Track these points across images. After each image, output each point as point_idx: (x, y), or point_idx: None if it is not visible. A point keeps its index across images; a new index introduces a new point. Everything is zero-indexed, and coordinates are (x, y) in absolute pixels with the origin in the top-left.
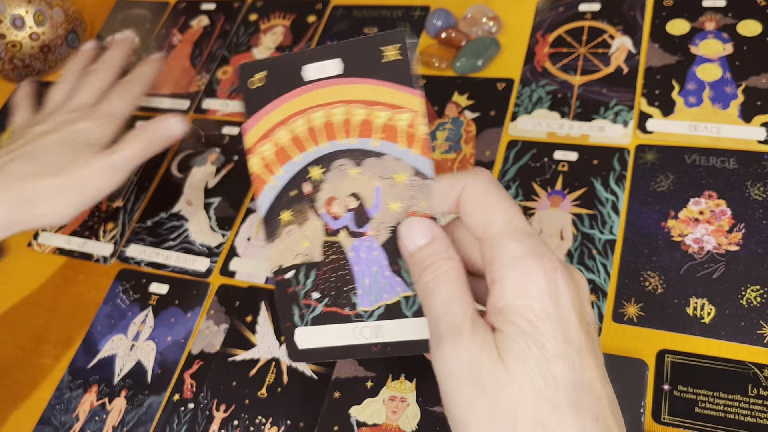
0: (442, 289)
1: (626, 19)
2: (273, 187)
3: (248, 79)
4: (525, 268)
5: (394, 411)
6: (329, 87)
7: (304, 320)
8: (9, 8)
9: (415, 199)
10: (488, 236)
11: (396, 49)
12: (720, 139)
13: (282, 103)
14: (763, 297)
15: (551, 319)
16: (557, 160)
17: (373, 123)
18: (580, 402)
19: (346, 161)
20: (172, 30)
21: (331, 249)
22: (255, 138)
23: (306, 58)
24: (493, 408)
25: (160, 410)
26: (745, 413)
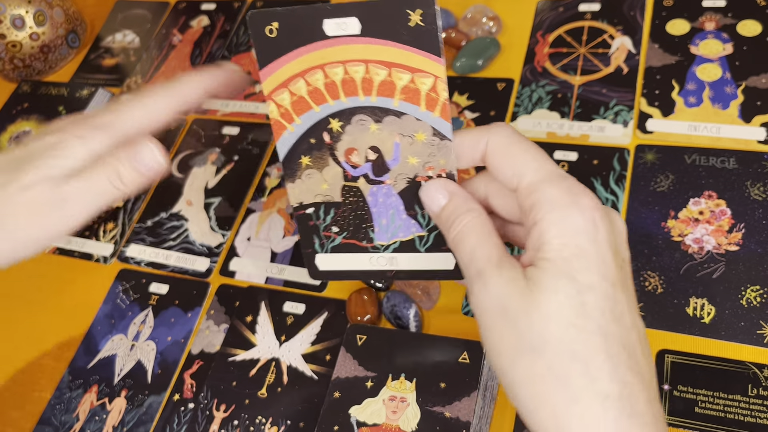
0: (467, 239)
1: (626, 19)
2: (292, 134)
3: (261, 27)
4: (563, 209)
5: (394, 411)
6: (349, 45)
7: (324, 248)
8: (9, 8)
9: (433, 156)
10: (524, 185)
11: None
12: (720, 139)
13: (300, 54)
14: (762, 297)
15: (586, 255)
16: (557, 160)
17: (395, 84)
18: (609, 330)
19: (366, 117)
20: (172, 30)
21: (350, 192)
22: (272, 86)
23: (325, 13)
24: (521, 336)
25: (160, 410)
26: (745, 413)
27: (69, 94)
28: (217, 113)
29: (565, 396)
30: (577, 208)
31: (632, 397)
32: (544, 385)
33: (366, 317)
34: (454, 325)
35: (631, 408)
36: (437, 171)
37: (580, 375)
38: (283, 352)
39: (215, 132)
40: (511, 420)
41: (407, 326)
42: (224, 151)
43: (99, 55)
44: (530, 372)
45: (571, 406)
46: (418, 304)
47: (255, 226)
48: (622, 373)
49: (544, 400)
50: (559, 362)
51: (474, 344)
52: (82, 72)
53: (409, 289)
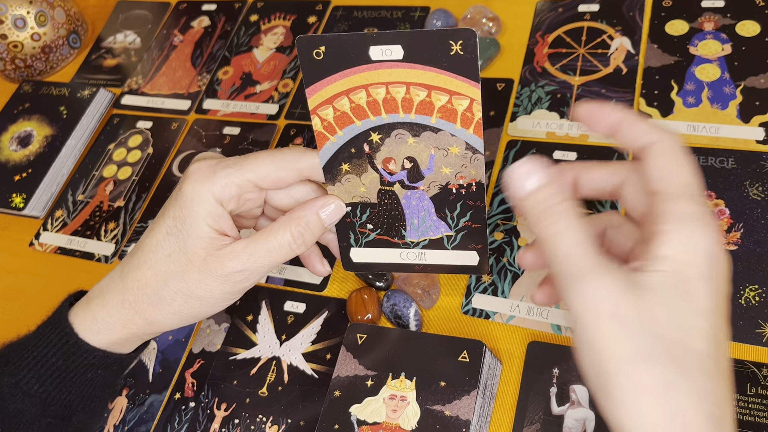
0: (565, 238)
1: (625, 20)
2: (333, 144)
3: (308, 50)
4: (697, 230)
5: (394, 410)
6: (391, 68)
7: (358, 243)
8: (10, 9)
9: (465, 167)
10: (668, 190)
11: (465, 45)
12: (719, 139)
13: (345, 76)
14: (761, 296)
15: (705, 281)
16: (557, 160)
17: (434, 104)
18: (716, 355)
19: (404, 132)
20: (173, 30)
21: (386, 195)
22: (317, 102)
23: (371, 41)
24: (636, 341)
25: (162, 409)
26: (744, 412)
27: (70, 95)
28: (217, 113)
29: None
30: (711, 236)
31: (724, 423)
32: (653, 397)
33: (366, 316)
34: (454, 324)
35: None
36: (468, 180)
37: (691, 393)
38: (284, 351)
39: (216, 132)
40: (511, 419)
41: (407, 325)
42: (225, 151)
43: (100, 55)
44: (641, 381)
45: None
46: (418, 303)
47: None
48: (721, 398)
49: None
50: (671, 376)
51: (474, 343)
52: (83, 72)
53: (409, 289)
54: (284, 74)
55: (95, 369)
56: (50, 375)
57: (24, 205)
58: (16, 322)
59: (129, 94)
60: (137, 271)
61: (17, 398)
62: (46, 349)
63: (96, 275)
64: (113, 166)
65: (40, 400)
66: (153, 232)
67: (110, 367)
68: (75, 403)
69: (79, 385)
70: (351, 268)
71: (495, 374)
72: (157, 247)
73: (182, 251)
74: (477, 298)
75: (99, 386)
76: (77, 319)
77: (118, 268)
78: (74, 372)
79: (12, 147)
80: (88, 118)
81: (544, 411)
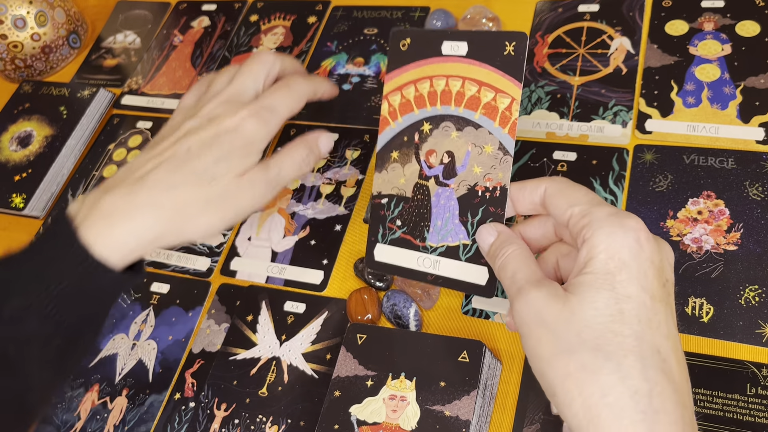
0: (509, 266)
1: (625, 20)
2: (392, 129)
3: (398, 41)
4: (611, 227)
5: (394, 410)
6: (455, 63)
7: (385, 239)
8: (10, 9)
9: (494, 169)
10: (576, 212)
11: (517, 46)
12: (718, 139)
13: (418, 66)
14: (761, 296)
15: (628, 268)
16: (556, 160)
17: (480, 99)
18: (644, 335)
19: (451, 124)
20: (173, 31)
21: (420, 190)
22: (390, 88)
23: (446, 36)
24: (558, 339)
25: (161, 409)
26: (743, 412)
27: (70, 95)
28: None
29: (596, 389)
30: (623, 227)
31: (662, 395)
32: (577, 380)
33: (366, 317)
34: (454, 325)
35: (660, 405)
36: (494, 183)
37: (612, 372)
38: (284, 351)
39: None
40: (511, 419)
41: (407, 325)
42: None
43: (100, 55)
44: (565, 370)
45: (603, 398)
46: (418, 303)
47: (256, 226)
48: (653, 374)
49: (578, 393)
50: (592, 360)
51: (474, 343)
52: (83, 72)
53: (409, 289)
54: None
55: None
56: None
57: (24, 205)
58: None
59: (129, 94)
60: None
61: (31, 321)
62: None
63: None
64: (113, 167)
65: (54, 322)
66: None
67: (125, 285)
68: (86, 323)
69: (92, 304)
70: (373, 266)
71: (495, 374)
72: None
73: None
74: (477, 299)
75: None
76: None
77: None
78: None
79: (12, 147)
80: (88, 118)
81: (544, 411)
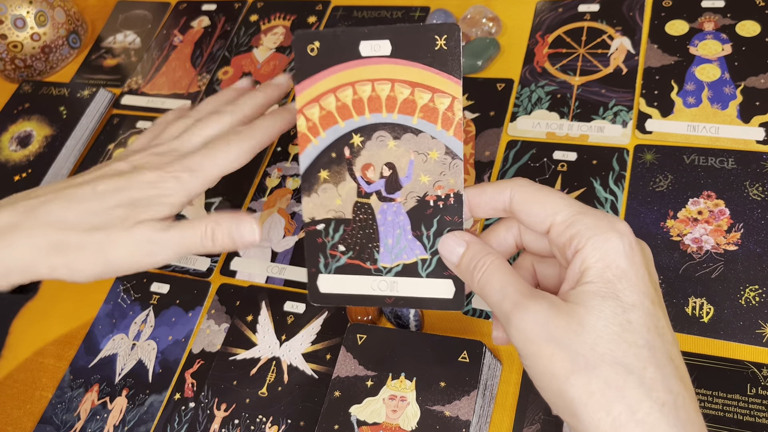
0: (493, 279)
1: (625, 20)
2: (315, 147)
3: (303, 45)
4: (603, 235)
5: (394, 410)
6: (379, 65)
7: (328, 268)
8: (10, 9)
9: (444, 176)
10: (558, 221)
11: (449, 39)
12: (719, 139)
13: (334, 72)
14: (761, 296)
15: (627, 276)
16: (556, 160)
17: (416, 103)
18: (655, 343)
19: (386, 134)
20: (173, 31)
21: (361, 209)
22: (305, 100)
23: (362, 36)
24: (574, 356)
25: (161, 409)
26: (744, 412)
27: (70, 95)
28: None
29: (624, 406)
30: (616, 232)
31: (685, 405)
32: (603, 399)
33: (366, 317)
34: (454, 325)
35: (686, 415)
36: (446, 190)
37: (636, 386)
38: (284, 351)
39: None
40: (511, 419)
41: (407, 325)
42: None
43: (100, 55)
44: (587, 389)
45: (633, 416)
46: None
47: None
48: (673, 383)
49: (605, 413)
50: (614, 376)
51: (474, 343)
52: (83, 72)
53: None
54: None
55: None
56: None
57: None
58: (16, 321)
59: (129, 94)
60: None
61: None
62: None
63: None
64: None
65: None
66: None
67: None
68: None
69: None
70: (318, 300)
71: (495, 374)
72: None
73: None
74: (477, 299)
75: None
76: None
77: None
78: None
79: (12, 147)
80: (87, 118)
81: (544, 411)
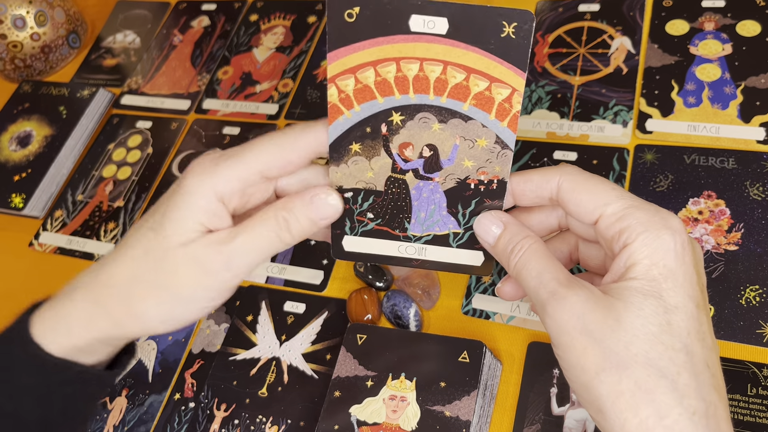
0: (530, 264)
1: (626, 20)
2: (347, 120)
3: (339, 9)
4: (654, 232)
5: (394, 410)
6: (431, 43)
7: (354, 231)
8: (10, 8)
9: (489, 163)
10: (609, 213)
11: (519, 27)
12: (719, 139)
13: (377, 44)
14: (762, 296)
15: (674, 276)
16: (557, 160)
17: (470, 89)
18: (693, 348)
19: (431, 116)
20: (172, 30)
21: (395, 183)
22: (338, 70)
23: (415, 9)
24: (607, 352)
25: (161, 409)
26: (744, 413)
27: (70, 94)
28: (217, 113)
29: (653, 410)
30: (669, 229)
31: (717, 415)
32: (632, 400)
33: (366, 317)
34: (454, 325)
35: (716, 426)
36: (490, 176)
37: (668, 391)
38: (284, 351)
39: (216, 132)
40: (511, 419)
41: (407, 326)
42: None
43: (100, 55)
44: (617, 387)
45: (661, 421)
46: (418, 303)
47: None
48: (707, 392)
49: (632, 415)
50: (646, 378)
51: (474, 343)
52: (83, 72)
53: (409, 289)
54: (284, 74)
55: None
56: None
57: (23, 205)
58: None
59: (129, 94)
60: (111, 267)
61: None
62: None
63: None
64: (113, 166)
65: (14, 419)
66: (137, 227)
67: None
68: (53, 418)
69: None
70: (340, 256)
71: (495, 375)
72: (137, 243)
73: (161, 246)
74: (477, 299)
75: (78, 401)
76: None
77: (94, 265)
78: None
79: (11, 147)
80: (87, 118)
81: (544, 411)
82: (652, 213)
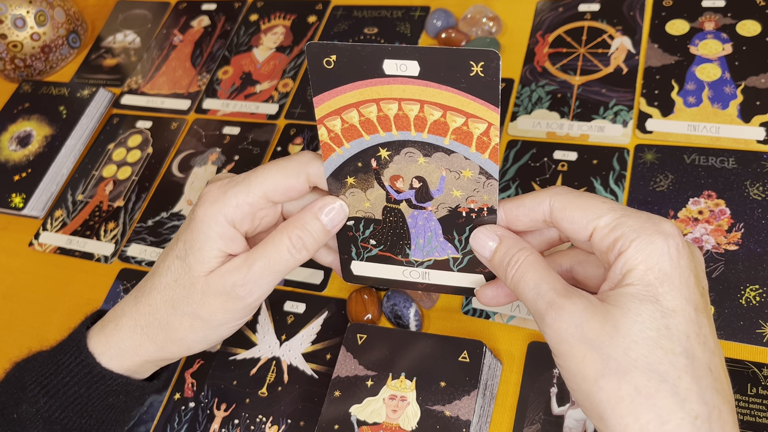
0: (527, 276)
1: (626, 20)
2: (339, 156)
3: (318, 58)
4: (647, 237)
5: (395, 410)
6: (406, 85)
7: (360, 257)
8: (10, 8)
9: (477, 192)
10: (602, 226)
11: (486, 67)
12: (719, 139)
13: (356, 88)
14: (762, 296)
15: (670, 280)
16: (557, 160)
17: (448, 125)
18: (694, 352)
19: (415, 150)
20: (172, 30)
21: (391, 213)
22: (324, 112)
23: (386, 54)
24: (606, 359)
25: (161, 409)
26: (744, 412)
27: (70, 94)
28: (217, 113)
29: (654, 416)
30: (661, 234)
31: (720, 419)
32: (633, 405)
33: (366, 316)
34: (454, 325)
35: (720, 429)
36: (479, 204)
37: (669, 395)
38: (284, 351)
39: (216, 132)
40: (511, 419)
41: (407, 325)
42: (225, 151)
43: (100, 55)
44: (617, 394)
45: (662, 426)
46: (418, 303)
47: None
48: (710, 396)
49: (633, 420)
50: (646, 383)
51: (474, 343)
52: (83, 72)
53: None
54: (284, 74)
55: (117, 395)
56: (72, 402)
57: (23, 205)
58: (16, 322)
59: (129, 93)
60: (149, 296)
61: (37, 425)
62: (68, 378)
63: (95, 275)
64: (113, 166)
65: (61, 427)
66: (165, 256)
67: (132, 393)
68: (94, 428)
69: (100, 410)
70: (351, 279)
71: (495, 374)
72: (167, 271)
73: (188, 274)
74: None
75: (119, 411)
76: (93, 344)
77: (133, 293)
78: (96, 399)
79: (11, 147)
80: (87, 118)
81: (544, 411)
82: (644, 219)
